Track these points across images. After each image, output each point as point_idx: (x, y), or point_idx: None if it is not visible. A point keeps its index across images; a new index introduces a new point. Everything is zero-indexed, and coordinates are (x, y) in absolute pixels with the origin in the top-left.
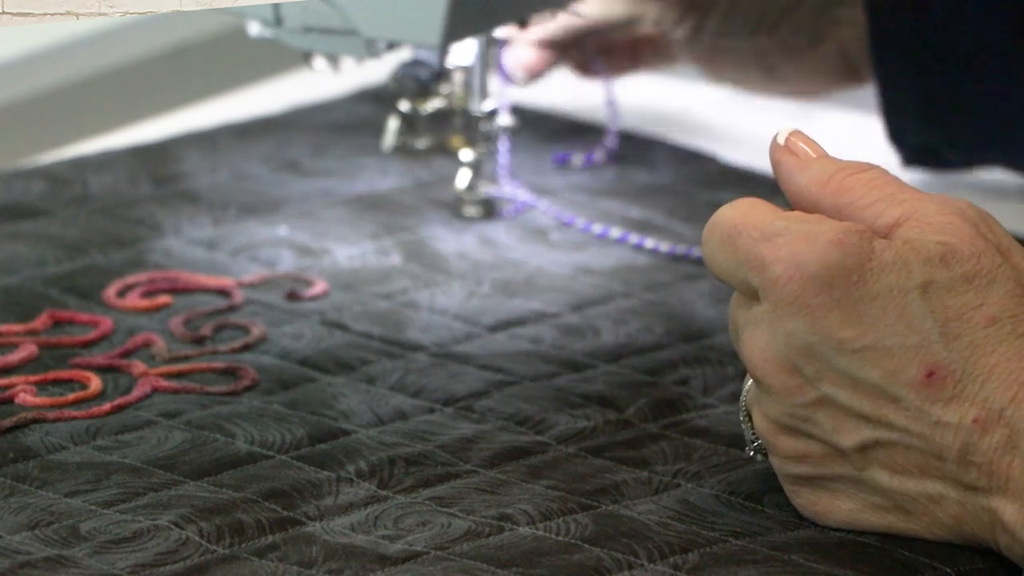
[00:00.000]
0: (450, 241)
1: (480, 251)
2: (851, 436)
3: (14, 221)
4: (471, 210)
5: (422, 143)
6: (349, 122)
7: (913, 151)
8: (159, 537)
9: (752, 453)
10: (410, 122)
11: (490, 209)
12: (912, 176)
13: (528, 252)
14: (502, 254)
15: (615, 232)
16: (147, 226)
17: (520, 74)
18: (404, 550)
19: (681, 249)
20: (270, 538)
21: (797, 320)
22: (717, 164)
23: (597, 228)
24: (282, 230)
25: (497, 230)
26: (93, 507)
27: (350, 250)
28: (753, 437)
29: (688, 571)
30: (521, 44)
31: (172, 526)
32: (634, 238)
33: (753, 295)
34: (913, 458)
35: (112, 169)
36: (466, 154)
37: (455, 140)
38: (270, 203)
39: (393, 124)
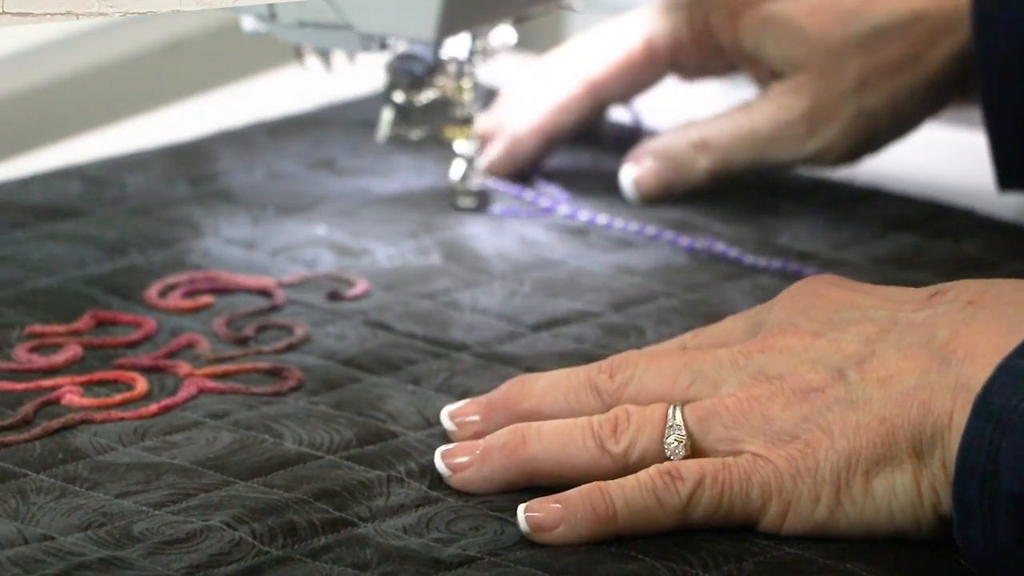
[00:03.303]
0: (489, 240)
1: (520, 251)
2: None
3: (52, 221)
4: (466, 201)
5: (416, 134)
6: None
7: (1015, 172)
8: (212, 538)
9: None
10: (404, 113)
11: (484, 200)
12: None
13: (567, 252)
14: (542, 254)
15: (651, 229)
16: (185, 226)
17: (634, 191)
18: (458, 555)
19: (719, 248)
20: (323, 539)
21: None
22: None
23: (634, 226)
24: (320, 230)
25: (536, 229)
26: (145, 508)
27: (389, 250)
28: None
29: None
30: (641, 156)
31: (225, 527)
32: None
33: None
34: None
35: (148, 169)
36: (460, 145)
37: (449, 131)
38: (307, 202)
39: (387, 115)
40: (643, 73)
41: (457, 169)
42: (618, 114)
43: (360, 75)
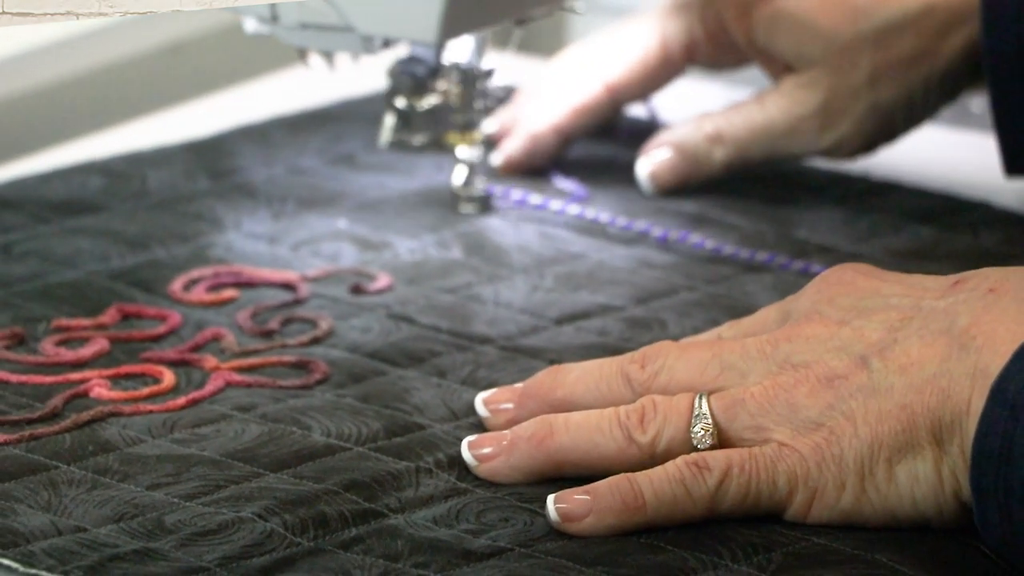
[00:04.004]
0: (509, 234)
1: (540, 245)
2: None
3: (74, 216)
4: (468, 207)
5: (418, 139)
6: None
7: (1019, 157)
8: (244, 529)
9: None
10: (406, 118)
11: (486, 205)
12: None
13: (588, 245)
14: (562, 248)
15: (656, 230)
16: (207, 221)
17: (650, 184)
18: (489, 546)
19: (743, 253)
20: (354, 531)
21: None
22: None
23: (641, 225)
24: (341, 224)
25: (556, 223)
26: (176, 500)
27: (411, 243)
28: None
29: (773, 572)
30: (656, 148)
31: (256, 518)
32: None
33: None
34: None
35: (169, 164)
36: (462, 151)
37: (451, 136)
38: (327, 197)
39: (389, 120)
40: (660, 74)
41: (459, 175)
42: (635, 108)
43: (363, 76)
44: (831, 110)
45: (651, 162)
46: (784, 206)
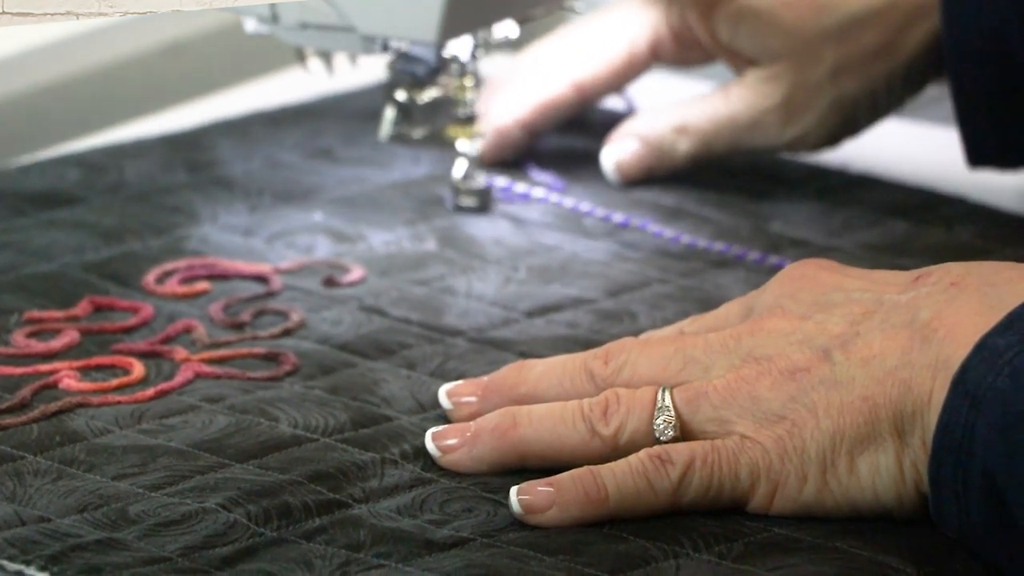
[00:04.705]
0: (485, 227)
1: (515, 237)
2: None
3: (50, 208)
4: (467, 200)
5: (418, 133)
6: (380, 110)
7: (983, 150)
8: (207, 520)
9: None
10: (406, 112)
11: (486, 200)
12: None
13: (562, 238)
14: (537, 239)
15: (652, 227)
16: (183, 213)
17: (616, 174)
18: (451, 536)
19: (703, 243)
20: (317, 521)
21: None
22: None
23: (618, 217)
24: (317, 217)
25: (531, 215)
26: (141, 490)
27: (385, 236)
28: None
29: (733, 560)
30: (622, 138)
31: (220, 509)
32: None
33: None
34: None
35: (146, 157)
36: (463, 144)
37: (451, 130)
38: (304, 190)
39: (390, 114)
40: (625, 71)
41: (459, 168)
42: (612, 100)
43: (362, 76)
44: (794, 104)
45: (617, 152)
46: (760, 200)
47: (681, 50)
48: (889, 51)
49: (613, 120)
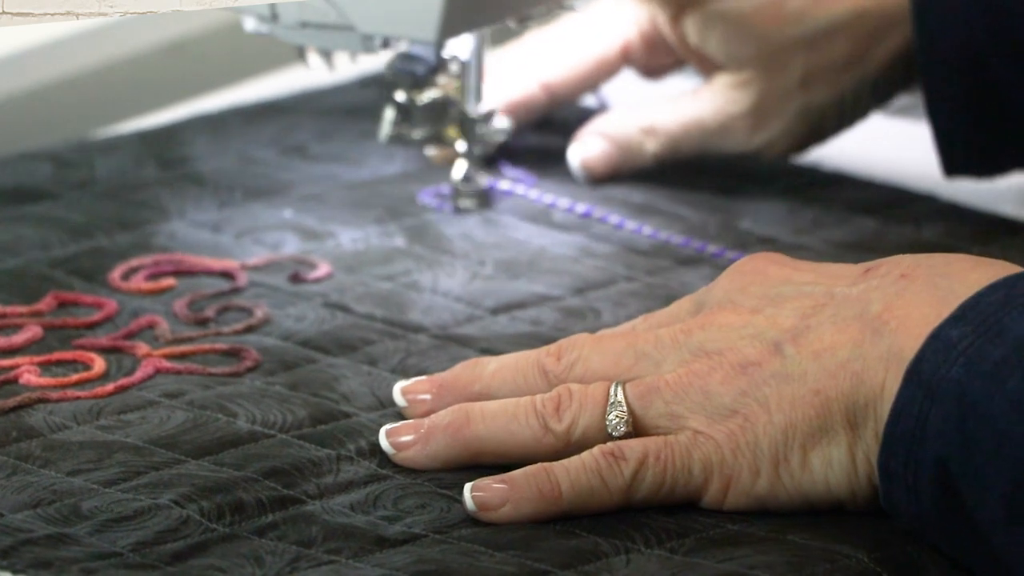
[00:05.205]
0: (454, 223)
1: (484, 231)
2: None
3: (20, 204)
4: (467, 202)
5: (418, 133)
6: (356, 107)
7: (959, 159)
8: (160, 516)
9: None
10: (406, 112)
11: (486, 200)
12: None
13: (531, 232)
14: (506, 234)
15: (613, 218)
16: (152, 209)
17: (582, 172)
18: (403, 532)
19: (677, 239)
20: (270, 517)
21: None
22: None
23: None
24: (287, 213)
25: (501, 210)
26: (95, 486)
27: (354, 233)
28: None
29: (684, 554)
30: (589, 136)
31: (173, 504)
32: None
33: None
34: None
35: (119, 152)
36: (462, 145)
37: (451, 130)
38: (276, 187)
39: (389, 114)
40: (596, 74)
41: (459, 169)
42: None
43: (359, 73)
44: (762, 111)
45: (584, 151)
46: (731, 197)
47: (651, 53)
48: (857, 62)
49: (586, 117)
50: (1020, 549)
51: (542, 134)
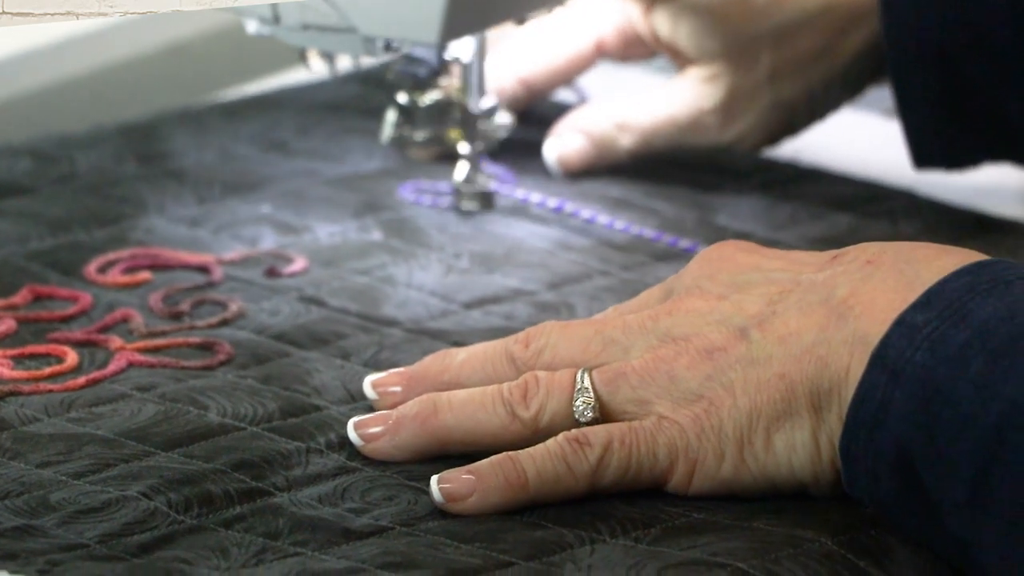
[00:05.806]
0: (432, 217)
1: (460, 224)
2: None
3: (0, 198)
4: (469, 204)
5: (420, 135)
6: (337, 103)
7: (929, 151)
8: (127, 507)
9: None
10: (408, 114)
11: (488, 202)
12: (923, 177)
13: (508, 226)
14: (482, 227)
15: (586, 212)
16: (131, 204)
17: (557, 167)
18: (370, 524)
19: (649, 234)
20: (237, 509)
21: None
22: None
23: (569, 208)
24: (265, 208)
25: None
26: (64, 478)
27: (331, 227)
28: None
29: (649, 543)
30: (565, 131)
31: (141, 496)
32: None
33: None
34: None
35: (99, 147)
36: (464, 147)
37: (453, 132)
38: (255, 182)
39: (391, 116)
40: (571, 67)
41: (461, 171)
42: (563, 92)
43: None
44: (732, 106)
45: (560, 146)
46: (708, 192)
47: (624, 46)
48: (826, 55)
49: (564, 111)
50: (982, 531)
51: (520, 128)
